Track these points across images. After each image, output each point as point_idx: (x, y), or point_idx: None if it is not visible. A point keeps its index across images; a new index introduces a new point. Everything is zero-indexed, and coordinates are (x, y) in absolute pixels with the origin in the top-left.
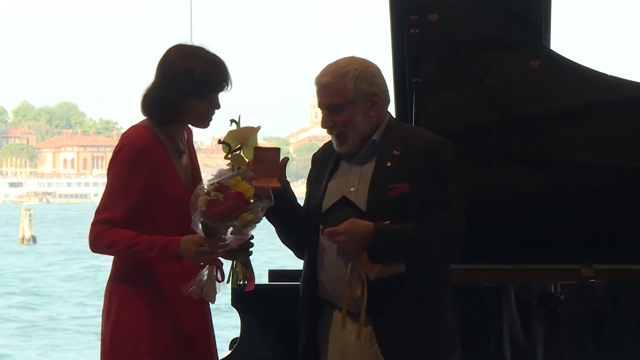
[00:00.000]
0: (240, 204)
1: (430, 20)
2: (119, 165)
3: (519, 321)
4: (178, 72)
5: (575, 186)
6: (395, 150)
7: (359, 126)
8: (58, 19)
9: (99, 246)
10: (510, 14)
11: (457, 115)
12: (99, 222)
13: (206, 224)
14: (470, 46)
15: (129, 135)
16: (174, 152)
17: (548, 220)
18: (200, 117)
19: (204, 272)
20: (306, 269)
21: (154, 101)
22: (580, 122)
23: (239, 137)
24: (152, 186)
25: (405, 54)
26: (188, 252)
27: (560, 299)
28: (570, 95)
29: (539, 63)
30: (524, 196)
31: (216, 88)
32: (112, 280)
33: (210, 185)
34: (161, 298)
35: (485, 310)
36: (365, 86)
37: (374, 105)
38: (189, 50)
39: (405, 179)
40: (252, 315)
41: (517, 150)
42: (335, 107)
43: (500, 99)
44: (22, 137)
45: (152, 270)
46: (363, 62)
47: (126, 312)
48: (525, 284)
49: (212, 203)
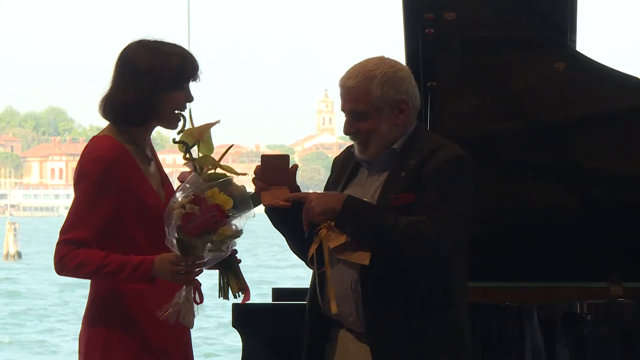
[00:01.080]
0: (219, 216)
1: (446, 19)
2: (86, 181)
3: (542, 344)
4: (148, 66)
5: (603, 198)
6: (412, 160)
7: (384, 135)
8: (46, 19)
9: (66, 268)
10: (532, 12)
11: (475, 122)
12: (65, 243)
13: (181, 240)
14: (490, 47)
15: (94, 147)
16: (143, 160)
17: (574, 235)
18: (173, 113)
19: (180, 294)
20: (312, 286)
21: (122, 103)
22: (609, 129)
23: (196, 134)
24: (124, 200)
25: (420, 56)
26: (162, 273)
27: (587, 319)
28: (599, 99)
29: (564, 65)
30: (548, 209)
31: (191, 77)
32: (89, 322)
33: (184, 198)
34: (147, 342)
35: (506, 332)
36: (392, 93)
37: (401, 113)
38: (151, 44)
39: (412, 188)
40: (255, 336)
41: (540, 160)
42: (359, 114)
43: (523, 104)
44: (6, 145)
45: (133, 301)
46: (392, 66)
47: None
48: (550, 303)
49: (188, 217)
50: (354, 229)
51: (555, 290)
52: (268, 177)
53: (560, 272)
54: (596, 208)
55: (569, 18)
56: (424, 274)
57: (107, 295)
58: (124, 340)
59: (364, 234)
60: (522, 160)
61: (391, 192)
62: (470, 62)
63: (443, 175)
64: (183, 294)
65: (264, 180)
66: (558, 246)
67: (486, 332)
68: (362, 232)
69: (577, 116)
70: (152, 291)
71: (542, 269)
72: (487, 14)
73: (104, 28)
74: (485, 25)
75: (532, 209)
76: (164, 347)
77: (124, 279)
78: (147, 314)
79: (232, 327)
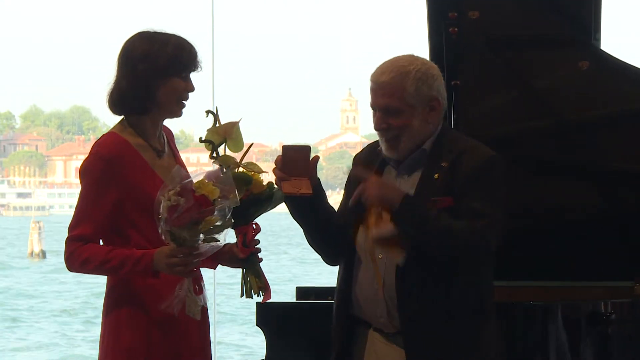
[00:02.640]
0: (204, 206)
1: (470, 18)
2: (88, 178)
3: (566, 343)
4: (144, 53)
5: (628, 197)
6: (443, 162)
7: (415, 132)
8: (71, 19)
9: (75, 265)
10: (556, 11)
11: (499, 121)
12: (72, 239)
13: (169, 231)
14: (513, 45)
15: (96, 144)
16: (151, 154)
17: (599, 234)
18: (174, 101)
19: (182, 286)
20: (340, 285)
21: (124, 92)
22: (633, 127)
23: (222, 133)
24: (127, 195)
25: (444, 55)
26: (161, 266)
27: (612, 318)
28: (623, 98)
29: (587, 64)
30: (572, 208)
31: (189, 65)
32: (106, 309)
33: (170, 191)
34: (159, 323)
35: (530, 331)
36: (426, 89)
37: (432, 110)
38: (149, 34)
39: (449, 192)
40: (279, 335)
41: (565, 159)
42: (393, 109)
43: (546, 103)
44: (30, 144)
45: (146, 293)
46: (425, 63)
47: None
48: (574, 302)
49: (173, 209)
50: (408, 227)
51: (579, 289)
52: (289, 167)
53: (585, 271)
54: (620, 206)
55: (593, 16)
56: (460, 277)
57: (121, 287)
58: (135, 321)
59: (416, 232)
60: (546, 159)
61: (426, 195)
62: (494, 60)
63: (481, 179)
64: (185, 286)
65: (284, 170)
66: (583, 245)
67: (510, 332)
68: (415, 230)
69: (602, 115)
70: (165, 283)
71: (567, 267)
72: (511, 13)
73: (128, 28)
74: (509, 23)
75: (557, 208)
76: (174, 347)
77: (127, 274)
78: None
79: (255, 325)
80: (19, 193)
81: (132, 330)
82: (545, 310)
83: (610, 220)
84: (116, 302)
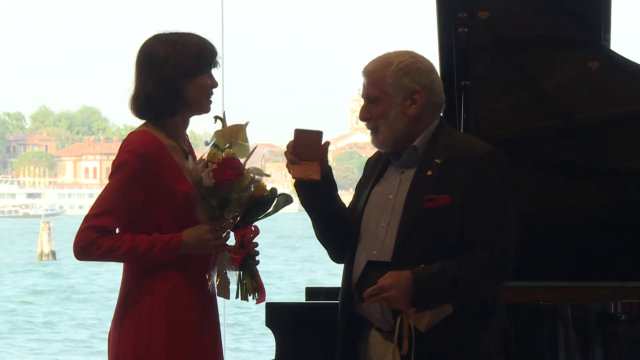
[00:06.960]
0: (237, 162)
1: (480, 18)
2: (121, 172)
3: (576, 343)
4: (167, 53)
5: (638, 197)
6: (437, 159)
7: (392, 122)
8: (80, 19)
9: (92, 254)
10: (566, 11)
11: (509, 121)
12: (91, 229)
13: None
14: (523, 46)
15: (132, 141)
16: (181, 155)
17: (608, 234)
18: (203, 98)
19: (221, 261)
20: (344, 284)
21: (151, 96)
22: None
23: (227, 136)
24: (156, 195)
25: (454, 55)
26: (191, 244)
27: (622, 319)
28: (633, 98)
29: (597, 64)
30: (582, 208)
31: (212, 61)
32: (123, 310)
33: (199, 161)
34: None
35: (539, 331)
36: (406, 81)
37: (413, 103)
38: (167, 35)
39: (446, 190)
40: (288, 335)
41: (575, 159)
42: (372, 98)
43: (556, 103)
44: (40, 145)
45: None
46: (413, 57)
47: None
48: (584, 303)
49: (217, 172)
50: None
51: (588, 289)
52: (300, 151)
53: (594, 271)
54: (631, 206)
55: (602, 16)
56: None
57: (140, 287)
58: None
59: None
60: (556, 159)
61: (420, 193)
62: (504, 61)
63: (481, 178)
64: (224, 262)
65: (295, 154)
66: (593, 245)
67: (520, 332)
68: (441, 300)
69: (612, 115)
70: (181, 289)
71: (577, 268)
72: (521, 13)
73: (138, 28)
74: (519, 24)
75: (567, 208)
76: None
77: (157, 256)
78: (174, 311)
79: (265, 325)
80: (29, 193)
81: (150, 330)
82: (554, 311)
83: (620, 220)
84: (135, 303)
